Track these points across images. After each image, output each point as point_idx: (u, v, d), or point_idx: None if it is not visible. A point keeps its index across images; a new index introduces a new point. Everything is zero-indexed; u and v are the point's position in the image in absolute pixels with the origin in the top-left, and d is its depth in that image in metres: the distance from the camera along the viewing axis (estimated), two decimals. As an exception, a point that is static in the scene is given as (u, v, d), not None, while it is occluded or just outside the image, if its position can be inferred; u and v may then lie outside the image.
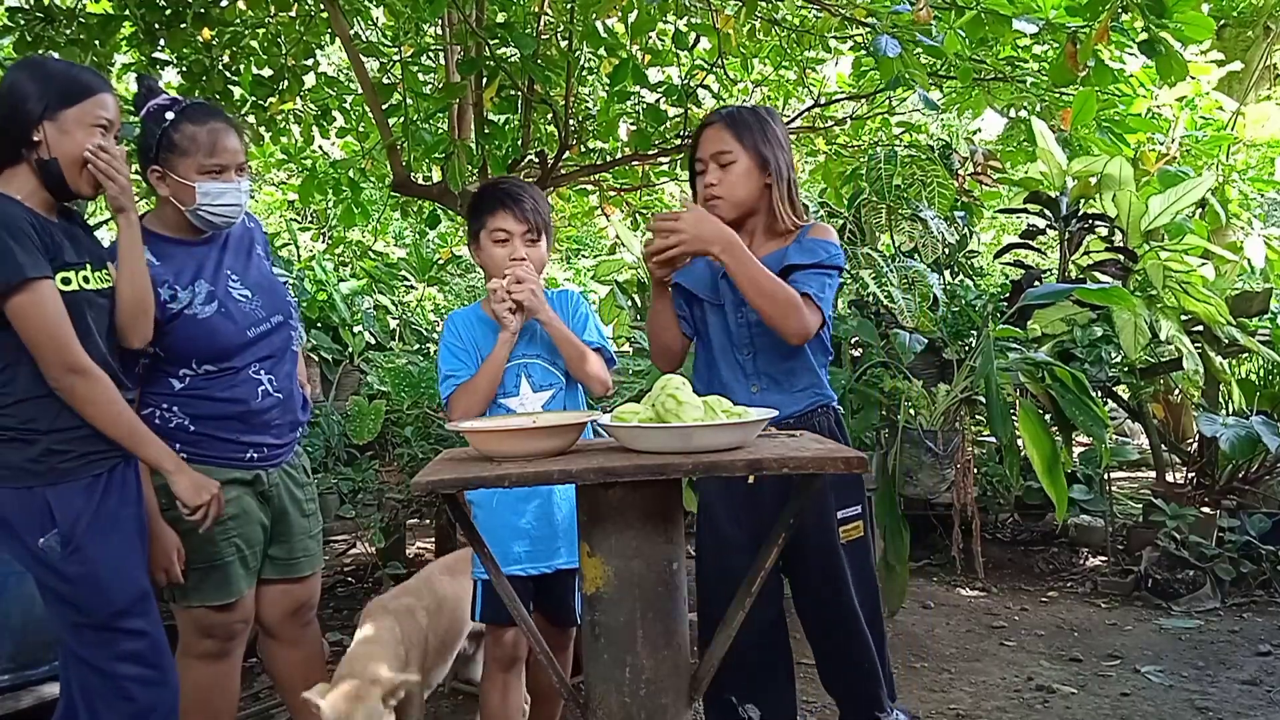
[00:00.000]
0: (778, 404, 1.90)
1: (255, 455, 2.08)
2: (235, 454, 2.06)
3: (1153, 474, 5.10)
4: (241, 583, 2.09)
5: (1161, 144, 4.96)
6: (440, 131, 4.14)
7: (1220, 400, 4.65)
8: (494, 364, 2.10)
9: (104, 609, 1.80)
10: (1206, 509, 4.26)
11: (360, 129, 4.87)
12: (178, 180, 1.99)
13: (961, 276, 4.50)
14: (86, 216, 3.58)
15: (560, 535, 2.16)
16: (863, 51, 4.23)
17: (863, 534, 2.01)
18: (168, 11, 3.66)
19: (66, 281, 1.79)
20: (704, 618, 2.03)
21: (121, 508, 1.85)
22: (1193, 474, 4.72)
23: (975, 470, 4.22)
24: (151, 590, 1.90)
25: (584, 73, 4.27)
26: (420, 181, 4.19)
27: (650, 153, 4.16)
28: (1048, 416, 3.74)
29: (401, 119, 3.66)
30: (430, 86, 4.33)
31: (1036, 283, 4.60)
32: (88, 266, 1.85)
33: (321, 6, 3.80)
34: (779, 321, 1.89)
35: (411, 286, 5.83)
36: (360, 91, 4.21)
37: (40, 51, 3.68)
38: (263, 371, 2.09)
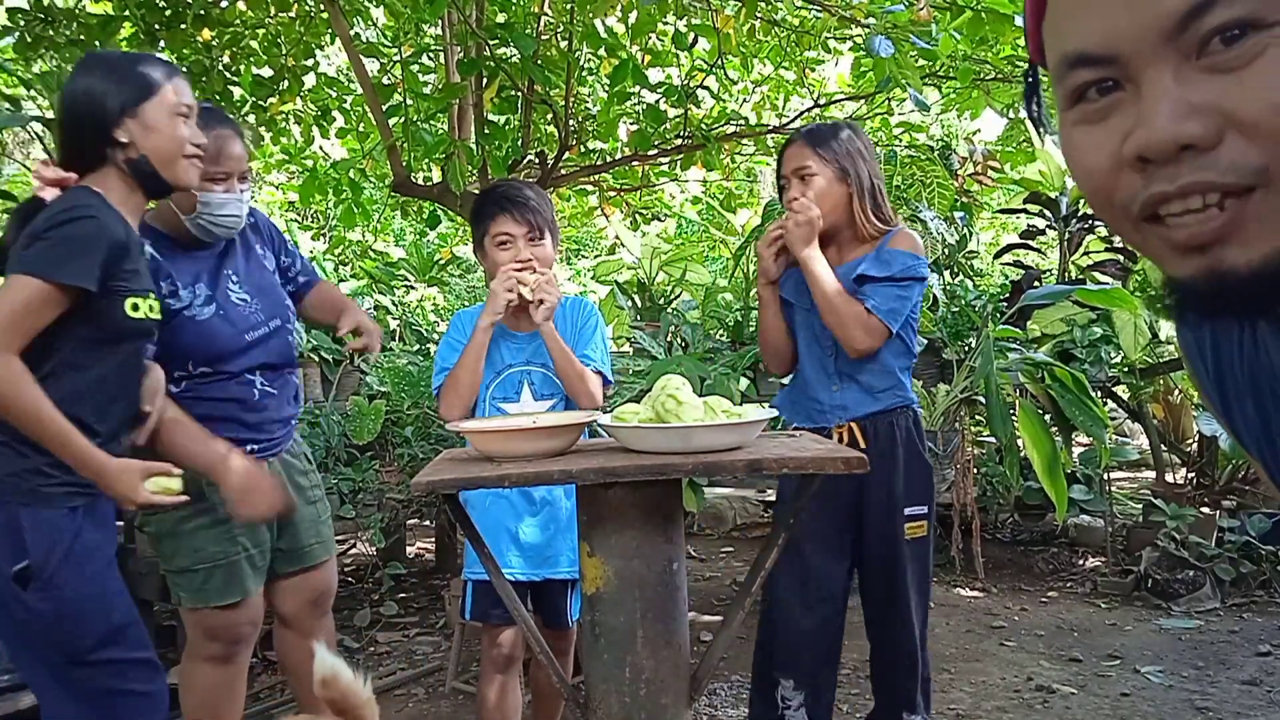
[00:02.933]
0: (856, 402, 2.10)
1: (255, 448, 2.08)
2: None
3: (1153, 474, 5.10)
4: (249, 581, 2.09)
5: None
6: (440, 132, 4.14)
7: (1220, 400, 4.65)
8: (474, 351, 2.07)
9: (75, 644, 1.66)
10: (1206, 509, 4.26)
11: (360, 129, 4.87)
12: None
13: (961, 277, 4.50)
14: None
15: (556, 543, 2.16)
16: (862, 52, 4.23)
17: (926, 534, 2.10)
18: (168, 12, 3.66)
19: (135, 308, 1.71)
20: (777, 620, 2.13)
21: (97, 539, 1.73)
22: (1192, 474, 4.72)
23: (975, 470, 4.22)
24: (133, 619, 1.77)
25: (584, 73, 4.27)
26: (420, 182, 4.19)
27: (650, 153, 4.16)
28: (1047, 417, 3.74)
29: (402, 119, 3.66)
30: (430, 87, 4.33)
31: (1036, 283, 4.60)
32: (151, 295, 1.77)
33: (321, 7, 3.81)
34: (841, 335, 2.04)
35: (411, 286, 5.83)
36: (360, 92, 4.21)
37: (41, 52, 3.69)
38: (258, 375, 2.09)
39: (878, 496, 2.06)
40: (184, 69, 3.92)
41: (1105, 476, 4.57)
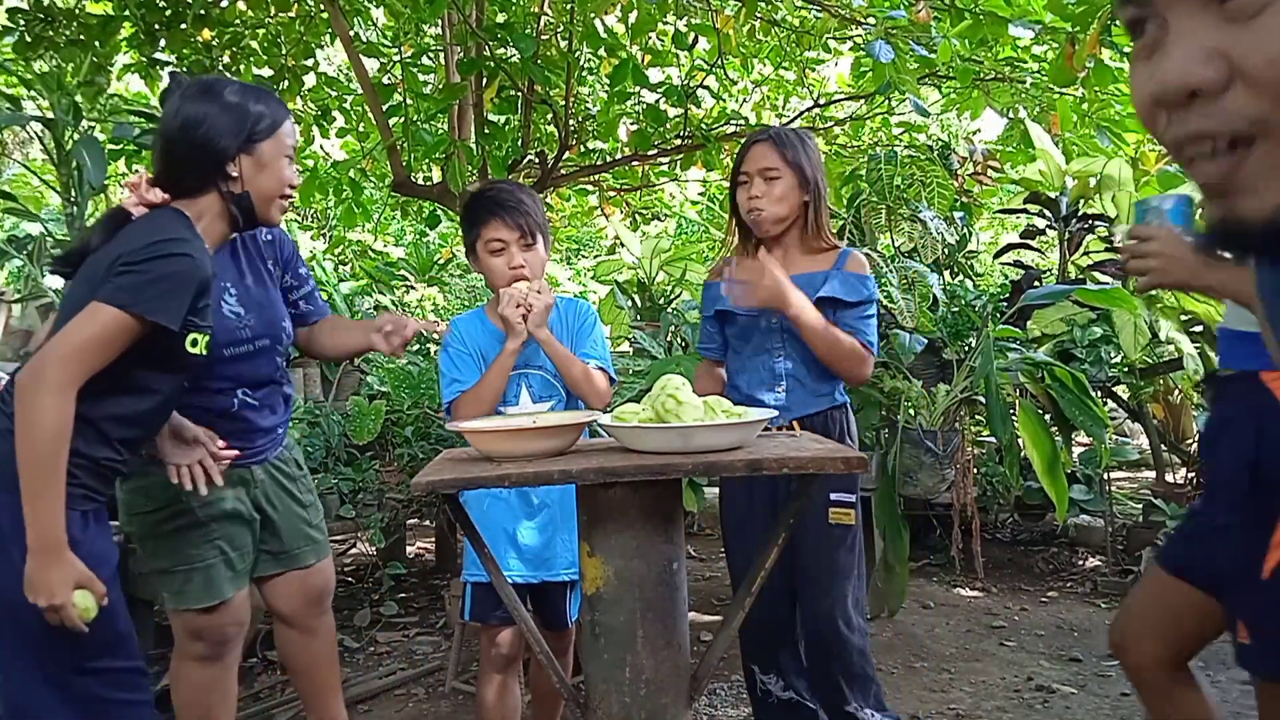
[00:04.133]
0: (799, 403, 2.14)
1: (237, 455, 2.05)
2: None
3: (1153, 474, 5.10)
4: (226, 585, 2.07)
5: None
6: (440, 132, 4.14)
7: (1220, 400, 4.65)
8: (499, 371, 2.08)
9: (79, 649, 1.61)
10: (1206, 509, 4.25)
11: (360, 129, 4.88)
12: None
13: (961, 276, 4.50)
14: (88, 215, 3.59)
15: (554, 545, 2.15)
16: (862, 52, 4.23)
17: (853, 523, 2.13)
18: (168, 12, 3.67)
19: (194, 343, 1.70)
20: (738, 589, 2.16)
21: (107, 546, 1.71)
22: (1193, 474, 4.72)
23: (975, 470, 4.22)
24: (131, 630, 1.74)
25: (584, 73, 4.27)
26: (420, 182, 4.19)
27: (650, 153, 4.16)
28: (1047, 416, 3.74)
29: (402, 119, 3.66)
30: (430, 87, 4.33)
31: (1036, 283, 4.60)
32: (208, 332, 1.75)
33: (321, 7, 3.81)
34: (844, 370, 2.10)
35: (411, 287, 5.83)
36: (360, 92, 4.21)
37: (41, 52, 3.69)
38: (240, 391, 2.06)
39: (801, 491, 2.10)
40: (184, 69, 3.94)
41: (1105, 476, 4.57)
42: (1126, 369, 4.29)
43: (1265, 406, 1.48)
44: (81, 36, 3.67)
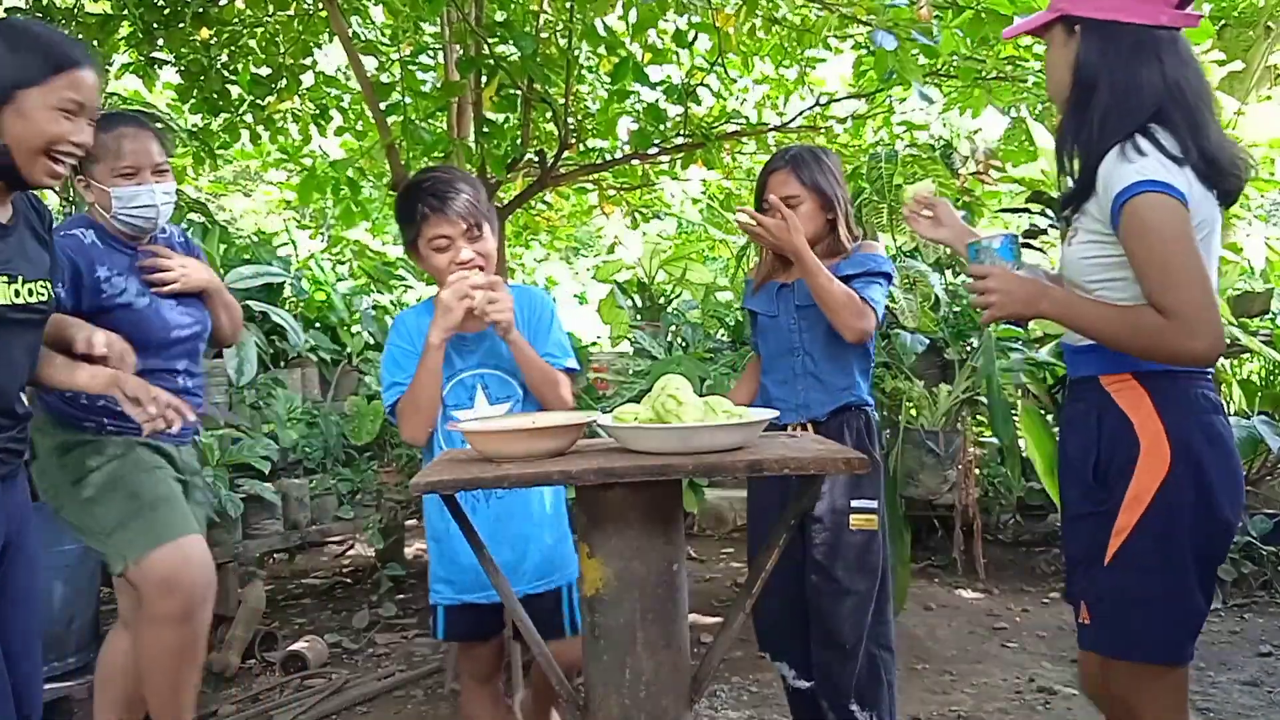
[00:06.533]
0: (816, 402, 2.20)
1: (171, 432, 2.05)
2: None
3: (1154, 474, 5.08)
4: (190, 520, 2.11)
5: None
6: (439, 130, 4.13)
7: (1221, 400, 4.64)
8: (428, 372, 1.91)
9: None
10: (1208, 509, 4.24)
11: (358, 128, 4.86)
12: (97, 186, 2.10)
13: (963, 276, 4.48)
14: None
15: (524, 563, 2.00)
16: (863, 50, 4.22)
17: (874, 529, 2.17)
18: (166, 11, 3.66)
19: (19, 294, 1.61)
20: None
21: None
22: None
23: (977, 471, 4.20)
24: None
25: (583, 71, 4.26)
26: (419, 181, 4.17)
27: (650, 152, 4.14)
28: (1050, 417, 3.73)
29: (400, 118, 3.64)
30: (429, 85, 4.32)
31: (1037, 282, 4.58)
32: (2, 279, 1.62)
33: (320, 5, 3.80)
34: (839, 318, 2.10)
35: (410, 286, 5.82)
36: (359, 90, 4.20)
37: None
38: (181, 375, 2.21)
39: (824, 492, 2.14)
40: (182, 67, 3.93)
41: (1107, 477, 4.55)
42: (1128, 369, 4.28)
43: (1104, 407, 1.63)
44: (80, 35, 3.65)
